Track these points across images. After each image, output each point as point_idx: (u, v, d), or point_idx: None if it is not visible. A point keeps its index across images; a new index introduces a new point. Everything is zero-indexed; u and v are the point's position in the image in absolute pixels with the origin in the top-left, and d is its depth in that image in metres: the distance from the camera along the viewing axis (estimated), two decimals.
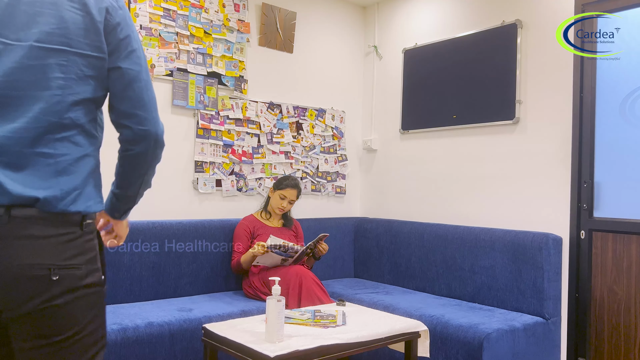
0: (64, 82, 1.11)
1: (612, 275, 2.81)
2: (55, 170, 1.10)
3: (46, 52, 1.09)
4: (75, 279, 1.11)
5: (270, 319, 1.96)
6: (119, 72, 1.17)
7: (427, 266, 3.38)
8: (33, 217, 1.06)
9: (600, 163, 2.88)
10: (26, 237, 1.05)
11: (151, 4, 3.12)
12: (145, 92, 1.21)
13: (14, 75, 1.07)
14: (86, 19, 1.12)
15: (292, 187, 3.16)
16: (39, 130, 1.08)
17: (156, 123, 1.24)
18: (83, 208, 1.14)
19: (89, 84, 1.16)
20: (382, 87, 4.07)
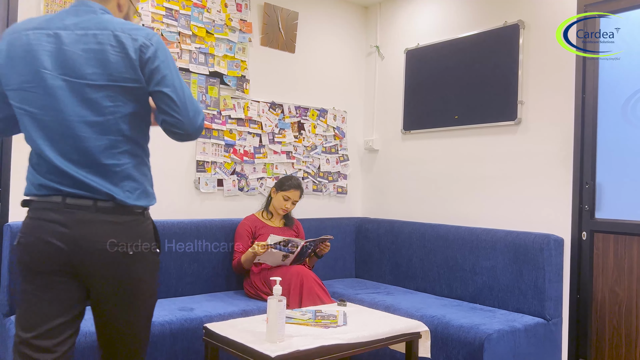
0: (114, 109, 1.48)
1: (613, 277, 2.81)
2: (122, 176, 1.51)
3: (98, 88, 1.46)
4: (142, 252, 1.54)
5: (271, 318, 1.96)
6: (157, 94, 1.52)
7: (428, 266, 3.38)
8: (111, 208, 1.49)
9: (602, 164, 2.88)
10: (107, 222, 1.48)
11: (153, 3, 3.12)
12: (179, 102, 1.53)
13: (77, 105, 1.46)
14: (125, 59, 1.47)
15: (295, 188, 3.16)
16: (103, 147, 1.48)
17: (190, 124, 1.56)
18: (144, 203, 1.57)
19: (133, 107, 1.52)
20: (383, 88, 4.07)
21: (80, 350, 2.21)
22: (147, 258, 1.57)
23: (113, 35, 1.47)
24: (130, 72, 1.48)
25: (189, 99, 1.56)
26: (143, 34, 1.50)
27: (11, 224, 2.55)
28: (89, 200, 1.48)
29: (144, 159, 1.62)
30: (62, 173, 1.47)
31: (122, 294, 1.53)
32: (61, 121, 1.46)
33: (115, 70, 1.46)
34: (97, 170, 1.49)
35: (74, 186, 1.47)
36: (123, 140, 1.52)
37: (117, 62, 1.46)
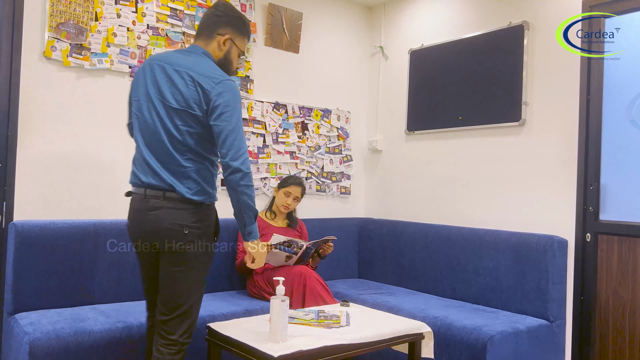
0: (184, 128, 1.94)
1: (617, 279, 2.80)
2: (185, 176, 1.95)
3: (175, 110, 1.95)
4: (195, 233, 1.95)
5: (274, 318, 1.96)
6: (215, 127, 1.93)
7: (431, 267, 3.38)
8: (175, 197, 1.94)
9: (606, 165, 2.87)
10: (172, 208, 1.93)
11: (158, 3, 3.13)
12: (230, 139, 1.92)
13: (164, 119, 1.96)
14: (197, 93, 1.93)
15: (296, 184, 3.17)
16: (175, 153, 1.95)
17: (237, 159, 1.92)
18: (202, 199, 1.97)
19: (198, 127, 1.95)
20: (387, 88, 4.07)
21: (84, 350, 2.22)
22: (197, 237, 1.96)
23: (195, 75, 1.94)
24: (199, 103, 1.93)
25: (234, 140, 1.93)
26: (214, 79, 1.94)
27: (16, 222, 2.57)
28: (159, 192, 1.94)
29: (208, 166, 2.01)
30: (147, 164, 1.98)
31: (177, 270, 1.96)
32: (153, 128, 1.97)
33: (188, 100, 1.93)
34: (169, 167, 1.95)
35: (151, 175, 1.96)
36: (188, 151, 1.95)
37: (192, 94, 1.93)
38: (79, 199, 2.89)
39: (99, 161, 2.96)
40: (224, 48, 2.07)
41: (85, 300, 2.69)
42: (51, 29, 2.78)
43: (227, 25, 2.08)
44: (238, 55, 2.13)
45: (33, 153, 2.76)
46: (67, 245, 2.64)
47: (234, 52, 2.10)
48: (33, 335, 2.15)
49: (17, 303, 2.50)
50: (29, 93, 2.74)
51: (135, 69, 3.06)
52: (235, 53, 2.11)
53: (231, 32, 2.08)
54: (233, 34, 2.08)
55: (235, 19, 2.10)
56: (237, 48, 2.11)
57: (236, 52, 2.11)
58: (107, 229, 2.77)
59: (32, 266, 2.55)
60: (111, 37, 2.96)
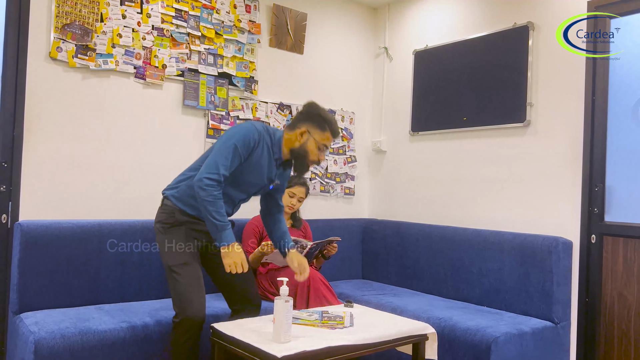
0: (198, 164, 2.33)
1: (622, 281, 2.78)
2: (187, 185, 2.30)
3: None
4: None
5: (278, 319, 1.96)
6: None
7: (435, 268, 3.37)
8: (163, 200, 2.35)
9: (611, 166, 2.86)
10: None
11: (163, 4, 3.14)
12: (210, 156, 2.20)
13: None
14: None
15: (300, 185, 3.17)
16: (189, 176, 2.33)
17: (202, 173, 2.14)
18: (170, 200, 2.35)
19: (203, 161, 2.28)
20: (392, 89, 4.07)
21: (88, 349, 2.23)
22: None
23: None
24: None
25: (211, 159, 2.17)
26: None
27: (21, 222, 2.58)
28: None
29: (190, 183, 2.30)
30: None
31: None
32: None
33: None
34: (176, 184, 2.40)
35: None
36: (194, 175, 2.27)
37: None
38: (84, 199, 2.90)
39: (104, 161, 2.97)
40: (302, 139, 2.28)
41: (90, 299, 2.70)
42: (57, 30, 2.79)
43: (307, 120, 2.30)
44: (318, 147, 2.29)
45: (39, 153, 2.77)
46: (72, 245, 2.66)
47: (311, 143, 2.28)
48: (38, 335, 2.16)
49: (22, 302, 2.51)
50: (35, 94, 2.76)
51: (141, 69, 3.07)
52: (313, 145, 2.28)
53: (309, 126, 2.29)
54: (311, 128, 2.28)
55: (315, 115, 2.31)
56: (315, 141, 2.28)
57: (314, 144, 2.28)
58: (111, 229, 2.78)
59: (38, 266, 2.56)
60: (116, 38, 2.97)
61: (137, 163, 3.09)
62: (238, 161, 2.19)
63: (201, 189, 2.11)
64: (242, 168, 2.24)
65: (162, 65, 3.15)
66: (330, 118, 2.32)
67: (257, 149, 2.24)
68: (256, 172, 2.28)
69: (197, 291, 2.21)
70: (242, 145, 2.18)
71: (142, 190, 3.10)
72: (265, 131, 2.29)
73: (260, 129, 2.26)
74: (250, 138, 2.20)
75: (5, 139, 2.70)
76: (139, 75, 3.08)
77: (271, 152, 2.30)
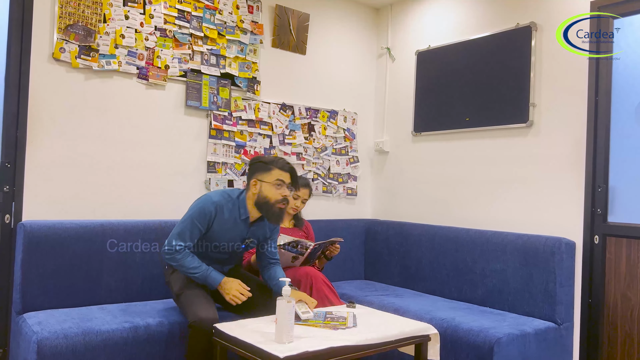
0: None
1: (625, 281, 2.78)
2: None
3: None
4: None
5: (280, 319, 1.96)
6: None
7: (438, 269, 3.37)
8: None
9: (615, 167, 2.85)
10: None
11: (166, 5, 3.15)
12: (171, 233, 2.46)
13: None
14: None
15: (304, 187, 3.17)
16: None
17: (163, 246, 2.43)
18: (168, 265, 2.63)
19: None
20: (394, 89, 4.07)
21: (91, 350, 2.23)
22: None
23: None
24: None
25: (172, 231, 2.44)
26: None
27: (25, 222, 2.59)
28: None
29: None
30: None
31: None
32: None
33: None
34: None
35: None
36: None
37: None
38: (87, 200, 2.91)
39: (106, 162, 2.98)
40: (256, 190, 2.45)
41: (93, 300, 2.70)
42: (60, 30, 2.80)
43: (252, 172, 2.49)
44: (275, 186, 2.42)
45: (42, 154, 2.78)
46: (75, 246, 2.66)
47: (266, 188, 2.42)
48: (41, 335, 2.16)
49: (25, 302, 2.52)
50: (38, 94, 2.76)
51: (143, 70, 3.08)
52: (268, 188, 2.42)
53: (256, 175, 2.46)
54: (259, 176, 2.45)
55: (257, 164, 2.49)
56: (268, 183, 2.42)
57: (269, 187, 2.42)
58: (114, 230, 2.78)
59: (40, 266, 2.57)
60: (119, 38, 2.98)
61: (140, 163, 3.09)
62: (198, 232, 2.41)
63: (166, 259, 2.43)
64: (210, 235, 2.45)
65: (165, 65, 3.15)
66: (271, 158, 2.50)
67: (216, 218, 2.42)
68: (225, 237, 2.47)
69: (204, 301, 2.36)
70: (198, 217, 2.40)
71: (145, 190, 3.10)
72: (225, 199, 2.46)
73: (216, 200, 2.43)
74: (206, 211, 2.40)
75: (9, 139, 2.71)
76: (141, 76, 3.08)
77: (238, 214, 2.47)
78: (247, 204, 2.48)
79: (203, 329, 2.21)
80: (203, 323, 2.22)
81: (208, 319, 2.23)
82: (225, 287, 2.40)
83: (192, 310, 2.29)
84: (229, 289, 2.39)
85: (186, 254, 2.40)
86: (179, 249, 2.38)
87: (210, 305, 2.34)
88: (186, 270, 2.40)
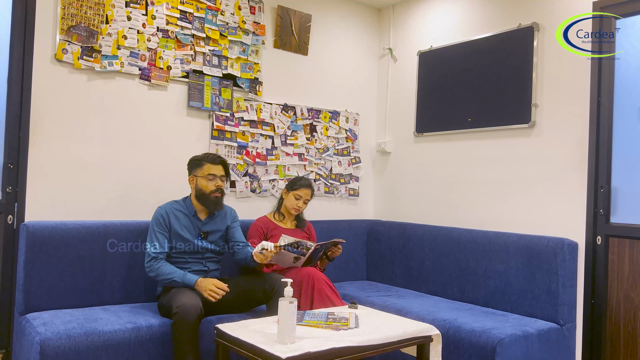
0: None
1: (628, 282, 2.77)
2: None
3: None
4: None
5: (283, 320, 1.96)
6: None
7: (440, 270, 3.37)
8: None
9: (617, 167, 2.84)
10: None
11: (168, 6, 3.15)
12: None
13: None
14: None
15: (306, 187, 3.17)
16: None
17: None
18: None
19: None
20: (396, 90, 4.07)
21: (93, 350, 2.23)
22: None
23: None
24: None
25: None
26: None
27: (27, 223, 2.59)
28: None
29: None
30: None
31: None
32: None
33: None
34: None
35: None
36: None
37: None
38: (89, 200, 2.91)
39: (109, 162, 2.98)
40: (193, 185, 2.76)
41: (96, 300, 2.71)
42: (62, 31, 2.81)
43: (189, 171, 2.79)
44: (206, 180, 2.70)
45: (44, 154, 2.78)
46: (77, 246, 2.67)
47: (200, 181, 2.71)
48: (44, 335, 2.17)
49: (28, 303, 2.52)
50: (41, 95, 2.77)
51: (146, 71, 3.09)
52: (202, 182, 2.71)
53: (191, 172, 2.76)
54: (193, 172, 2.75)
55: (191, 163, 2.78)
56: (201, 177, 2.71)
57: (202, 181, 2.71)
58: (117, 230, 2.79)
59: (43, 267, 2.57)
60: (121, 39, 2.99)
61: (142, 164, 3.10)
62: (162, 236, 2.64)
63: (148, 272, 2.61)
64: (175, 237, 2.68)
65: (167, 66, 3.16)
66: (203, 155, 2.76)
67: (171, 220, 2.69)
68: (184, 234, 2.70)
69: (189, 293, 2.45)
70: (156, 225, 2.66)
71: (147, 191, 3.11)
72: (172, 204, 2.76)
73: (164, 206, 2.73)
74: (158, 217, 2.67)
75: (11, 140, 2.72)
76: (144, 77, 3.09)
77: (187, 212, 2.75)
78: (192, 201, 2.77)
79: (187, 313, 2.28)
80: (188, 308, 2.29)
81: (191, 305, 2.31)
82: (201, 285, 2.52)
83: (176, 299, 2.38)
84: (205, 286, 2.49)
85: (162, 262, 2.59)
86: (154, 254, 2.59)
87: (194, 295, 2.43)
88: (165, 277, 2.56)
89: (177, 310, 2.30)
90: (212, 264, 2.80)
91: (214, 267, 2.82)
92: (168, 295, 2.52)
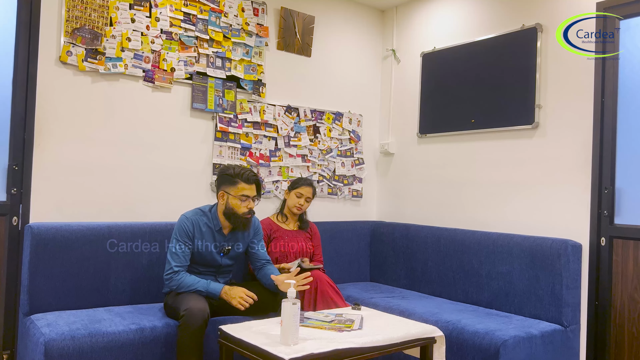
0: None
1: (633, 283, 2.76)
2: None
3: None
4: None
5: (286, 321, 1.97)
6: None
7: (444, 271, 3.36)
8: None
9: (621, 169, 2.84)
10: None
11: (172, 8, 3.16)
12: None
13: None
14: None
15: (307, 185, 3.18)
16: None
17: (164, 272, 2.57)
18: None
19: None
20: (400, 91, 4.07)
21: (97, 351, 2.24)
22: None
23: None
24: None
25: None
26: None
27: (32, 224, 2.60)
28: None
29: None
30: None
31: None
32: None
33: None
34: None
35: None
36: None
37: None
38: (93, 202, 2.93)
39: (113, 164, 2.99)
40: (223, 202, 2.62)
41: (100, 301, 2.72)
42: (67, 34, 2.82)
43: (220, 183, 2.64)
44: (240, 200, 2.57)
45: (49, 156, 2.80)
46: (82, 248, 2.68)
47: (232, 200, 2.58)
48: (48, 336, 2.18)
49: (32, 304, 2.54)
50: (45, 97, 2.79)
51: (149, 73, 3.10)
52: (234, 201, 2.58)
53: (223, 187, 2.62)
54: (225, 188, 2.61)
55: (224, 176, 2.63)
56: (234, 196, 2.58)
57: (234, 200, 2.58)
58: (121, 231, 2.80)
59: (48, 268, 2.58)
60: (125, 41, 3.00)
61: (146, 166, 3.11)
62: (187, 248, 2.56)
63: (168, 285, 2.52)
64: (197, 250, 2.60)
65: (171, 68, 3.17)
66: (237, 171, 2.61)
67: (196, 232, 2.59)
68: (206, 250, 2.62)
69: (197, 297, 2.42)
70: (180, 236, 2.56)
71: (151, 192, 3.12)
72: (198, 214, 2.64)
73: (190, 216, 2.61)
74: (184, 227, 2.57)
75: (16, 142, 2.73)
76: (147, 79, 3.10)
77: (212, 226, 2.64)
78: (218, 216, 2.65)
79: (194, 317, 2.26)
80: (195, 312, 2.27)
81: (199, 310, 2.28)
82: (230, 293, 2.48)
83: (184, 302, 2.35)
84: (235, 295, 2.46)
85: (184, 274, 2.52)
86: (177, 269, 2.51)
87: (202, 300, 2.40)
88: (187, 288, 2.48)
89: (184, 314, 2.28)
90: (224, 276, 2.76)
91: (225, 278, 2.76)
92: (175, 296, 2.51)
